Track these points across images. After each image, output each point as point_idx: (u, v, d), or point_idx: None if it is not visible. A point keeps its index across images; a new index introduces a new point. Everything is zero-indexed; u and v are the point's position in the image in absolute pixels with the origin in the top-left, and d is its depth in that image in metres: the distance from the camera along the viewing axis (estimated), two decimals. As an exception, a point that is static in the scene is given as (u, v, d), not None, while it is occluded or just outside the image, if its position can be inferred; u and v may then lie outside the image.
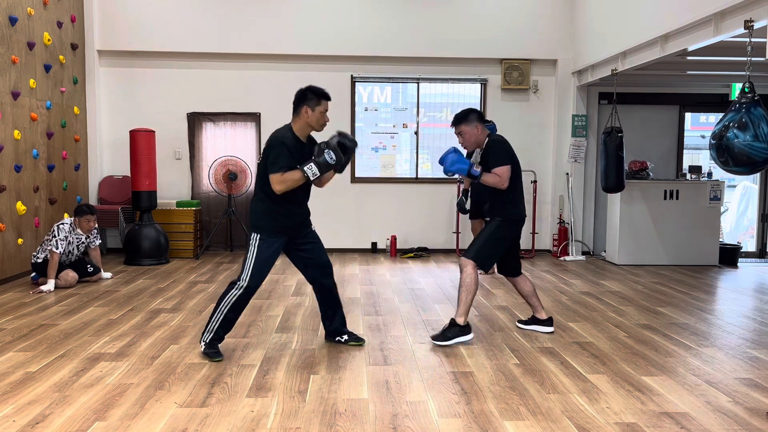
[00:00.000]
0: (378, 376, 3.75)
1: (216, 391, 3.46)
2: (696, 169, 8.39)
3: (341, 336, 4.39)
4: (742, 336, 4.73)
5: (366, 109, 9.07)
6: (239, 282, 3.95)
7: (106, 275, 6.70)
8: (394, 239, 8.70)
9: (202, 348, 4.07)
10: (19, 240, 6.67)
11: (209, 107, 8.77)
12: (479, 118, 4.47)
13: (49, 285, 6.03)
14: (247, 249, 3.97)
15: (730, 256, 8.18)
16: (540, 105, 9.00)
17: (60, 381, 3.60)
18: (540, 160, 9.01)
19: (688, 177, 8.38)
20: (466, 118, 4.44)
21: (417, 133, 9.01)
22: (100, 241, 6.76)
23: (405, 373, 3.80)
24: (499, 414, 3.19)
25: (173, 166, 8.76)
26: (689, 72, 7.85)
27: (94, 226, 6.49)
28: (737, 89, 5.65)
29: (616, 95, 7.74)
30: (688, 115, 9.36)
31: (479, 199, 6.63)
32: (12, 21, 6.51)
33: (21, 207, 6.64)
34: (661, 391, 3.53)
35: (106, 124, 8.69)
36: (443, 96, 9.06)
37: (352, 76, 8.87)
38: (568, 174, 8.84)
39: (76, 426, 3.00)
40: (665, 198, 8.04)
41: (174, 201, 8.47)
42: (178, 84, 8.70)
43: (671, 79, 8.54)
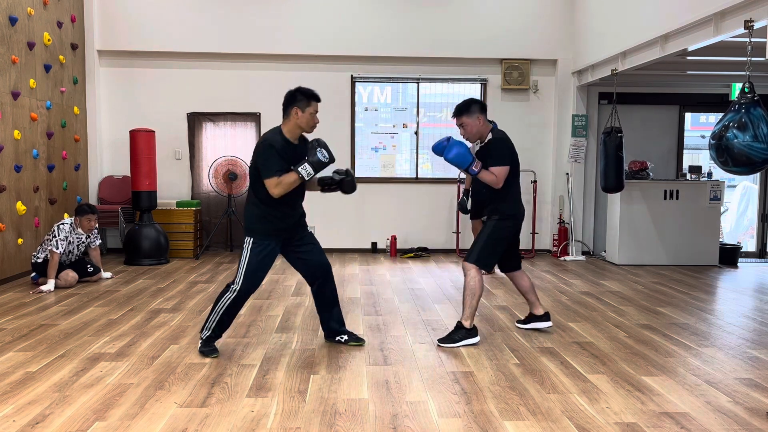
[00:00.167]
0: (378, 376, 3.75)
1: (216, 391, 3.46)
2: (696, 169, 8.39)
3: (341, 336, 4.40)
4: (742, 336, 4.73)
5: (366, 109, 9.07)
6: (233, 285, 3.99)
7: (106, 275, 6.70)
8: (394, 239, 8.70)
9: (199, 345, 4.14)
10: (19, 240, 6.68)
11: (209, 107, 8.77)
12: (481, 109, 4.42)
13: (49, 285, 6.03)
14: (241, 252, 4.02)
15: (730, 256, 8.18)
16: (540, 105, 9.00)
17: (60, 381, 3.60)
18: (540, 160, 9.01)
19: (688, 177, 8.38)
20: (468, 109, 4.38)
21: (417, 133, 9.01)
22: (100, 241, 6.76)
23: (405, 373, 3.80)
24: (499, 414, 3.20)
25: (173, 166, 8.76)
26: (689, 72, 7.85)
27: (95, 225, 6.50)
28: (737, 89, 5.65)
29: (616, 95, 7.74)
30: (688, 115, 9.36)
31: (480, 200, 6.61)
32: (12, 21, 6.51)
33: (21, 207, 6.64)
34: (661, 391, 3.53)
35: (106, 124, 8.69)
36: (443, 96, 9.06)
37: (352, 76, 8.87)
38: (568, 174, 8.84)
39: (76, 426, 3.00)
40: (665, 198, 8.04)
41: (174, 201, 8.47)
42: (178, 84, 8.69)
43: (671, 79, 8.54)
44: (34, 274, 6.34)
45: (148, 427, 2.99)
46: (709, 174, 8.45)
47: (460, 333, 4.36)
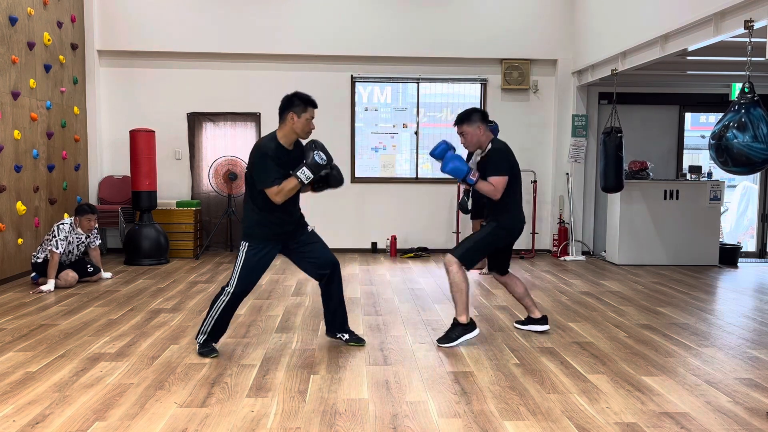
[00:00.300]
0: (378, 376, 3.75)
1: (216, 391, 3.46)
2: (696, 169, 8.39)
3: (342, 334, 4.40)
4: (742, 336, 4.73)
5: (366, 109, 9.07)
6: (227, 288, 4.02)
7: (106, 275, 6.70)
8: (394, 239, 8.70)
9: (197, 348, 4.14)
10: (19, 240, 6.68)
11: (209, 107, 8.77)
12: (482, 118, 4.42)
13: (49, 285, 6.03)
14: (237, 256, 4.05)
15: (730, 256, 8.18)
16: (540, 105, 9.00)
17: (60, 381, 3.60)
18: (540, 160, 9.01)
19: (688, 177, 8.39)
20: (468, 118, 4.39)
21: (417, 133, 9.01)
22: (100, 241, 6.76)
23: (405, 373, 3.80)
24: (499, 414, 3.20)
25: (173, 166, 8.76)
26: (689, 72, 7.85)
27: (94, 225, 6.50)
28: (737, 89, 5.65)
29: (616, 95, 7.74)
30: (688, 115, 9.36)
31: (481, 200, 6.62)
32: (12, 21, 6.51)
33: (21, 207, 6.64)
34: (661, 391, 3.53)
35: (106, 124, 8.69)
36: (443, 96, 9.06)
37: (352, 76, 8.87)
38: (568, 174, 8.84)
39: (76, 426, 3.00)
40: (665, 198, 8.04)
41: (174, 201, 8.48)
42: (178, 84, 8.70)
43: (671, 79, 8.54)
44: (34, 274, 6.34)
45: (148, 427, 2.99)
46: (709, 174, 8.45)
47: (456, 330, 4.35)
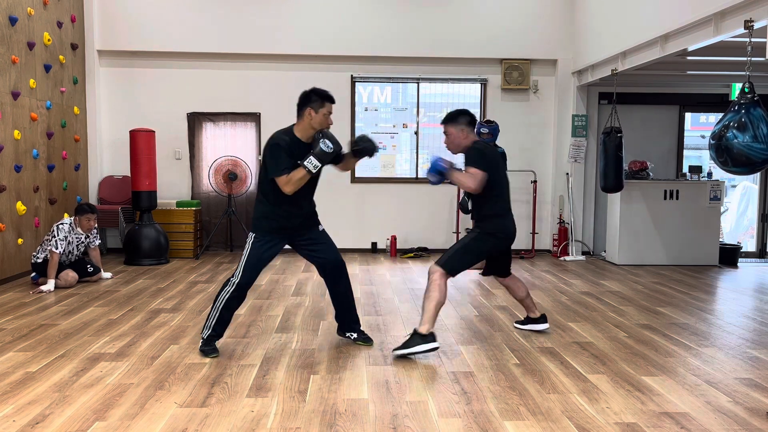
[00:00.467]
0: (378, 376, 3.75)
1: (216, 391, 3.46)
2: (696, 169, 8.39)
3: (351, 333, 4.42)
4: (742, 336, 4.73)
5: (366, 109, 9.07)
6: (232, 278, 4.05)
7: (106, 275, 6.70)
8: (394, 239, 8.70)
9: (200, 344, 4.17)
10: (19, 240, 6.68)
11: (209, 107, 8.77)
12: (469, 122, 4.27)
13: (49, 285, 6.03)
14: (244, 246, 4.09)
15: (730, 256, 8.18)
16: (540, 105, 9.00)
17: (60, 381, 3.60)
18: (540, 160, 9.01)
19: (688, 177, 8.39)
20: (454, 119, 4.26)
21: (417, 133, 9.01)
22: (99, 241, 6.76)
23: (405, 373, 3.80)
24: (499, 414, 3.19)
25: (173, 166, 8.76)
26: (689, 72, 7.85)
27: (94, 225, 6.50)
28: (737, 89, 5.65)
29: (616, 95, 7.74)
30: (688, 115, 9.36)
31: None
32: (12, 21, 6.51)
33: (21, 207, 6.64)
34: (661, 391, 3.53)
35: (106, 124, 8.69)
36: (443, 96, 9.06)
37: (352, 76, 8.87)
38: (568, 174, 8.83)
39: (76, 426, 3.00)
40: (665, 198, 8.04)
41: (174, 201, 8.48)
42: (178, 84, 8.70)
43: (671, 79, 8.54)
44: (34, 274, 6.34)
45: (148, 427, 2.99)
46: (709, 174, 8.45)
47: (414, 340, 4.07)
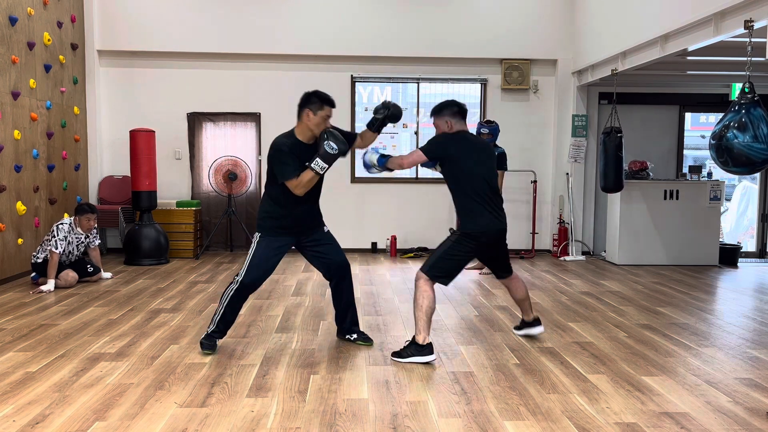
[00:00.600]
0: (378, 376, 3.75)
1: (216, 391, 3.46)
2: (696, 169, 8.39)
3: (351, 334, 4.43)
4: (742, 336, 4.73)
5: (366, 109, 9.06)
6: (237, 277, 4.10)
7: (106, 275, 6.70)
8: (394, 239, 8.70)
9: (202, 337, 4.23)
10: (19, 240, 6.68)
11: (209, 107, 8.77)
12: (455, 113, 4.14)
13: (49, 285, 6.03)
14: (244, 247, 4.09)
15: (730, 256, 8.18)
16: (540, 105, 9.00)
17: (60, 381, 3.60)
18: (540, 160, 9.01)
19: (688, 177, 8.39)
20: (439, 111, 4.19)
21: (417, 133, 9.01)
22: (99, 241, 6.76)
23: (405, 373, 3.80)
24: (499, 414, 3.20)
25: (173, 166, 8.76)
26: (689, 72, 7.85)
27: (94, 225, 6.50)
28: (737, 89, 5.65)
29: (616, 95, 7.74)
30: (688, 115, 9.36)
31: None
32: (12, 21, 6.51)
33: (21, 207, 6.64)
34: (661, 391, 3.53)
35: (106, 124, 8.69)
36: (443, 96, 9.02)
37: (352, 76, 8.87)
38: (568, 174, 8.83)
39: (76, 426, 3.00)
40: (665, 198, 8.04)
41: (174, 201, 8.47)
42: (178, 84, 8.70)
43: (671, 79, 8.54)
44: (34, 274, 6.34)
45: (148, 427, 2.99)
46: (709, 174, 8.45)
47: (410, 349, 4.01)
